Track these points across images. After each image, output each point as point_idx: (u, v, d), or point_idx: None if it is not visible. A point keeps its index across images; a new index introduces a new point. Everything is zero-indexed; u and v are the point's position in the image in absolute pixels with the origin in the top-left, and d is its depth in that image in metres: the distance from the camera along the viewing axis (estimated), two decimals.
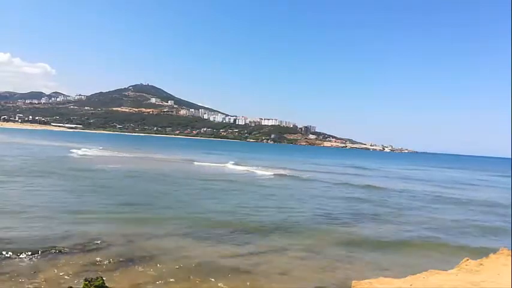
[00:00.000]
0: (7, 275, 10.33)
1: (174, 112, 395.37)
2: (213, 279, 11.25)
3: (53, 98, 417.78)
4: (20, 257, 11.76)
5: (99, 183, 29.30)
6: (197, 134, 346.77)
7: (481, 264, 10.36)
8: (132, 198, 24.03)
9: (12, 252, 11.98)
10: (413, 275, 9.77)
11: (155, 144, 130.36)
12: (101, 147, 78.54)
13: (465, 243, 18.29)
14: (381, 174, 62.95)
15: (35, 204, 19.50)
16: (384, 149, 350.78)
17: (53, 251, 12.51)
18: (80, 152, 61.24)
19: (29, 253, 12.06)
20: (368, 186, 40.23)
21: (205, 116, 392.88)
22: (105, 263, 11.85)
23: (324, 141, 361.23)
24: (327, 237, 17.41)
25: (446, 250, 16.64)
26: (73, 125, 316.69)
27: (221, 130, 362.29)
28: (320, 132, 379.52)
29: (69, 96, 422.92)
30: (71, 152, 59.48)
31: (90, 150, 66.25)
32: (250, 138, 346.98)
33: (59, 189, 25.00)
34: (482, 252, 12.50)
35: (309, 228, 19.04)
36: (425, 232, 20.16)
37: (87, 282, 9.10)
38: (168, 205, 22.45)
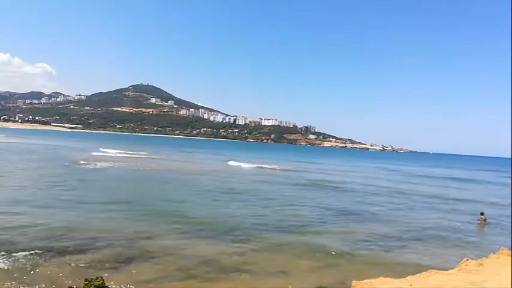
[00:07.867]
0: (7, 275, 10.32)
1: (174, 112, 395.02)
2: (213, 279, 11.26)
3: (53, 98, 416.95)
4: (20, 256, 11.72)
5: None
6: (197, 134, 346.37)
7: (481, 264, 10.37)
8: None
9: (12, 252, 11.97)
10: (413, 275, 9.78)
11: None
12: None
13: None
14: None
15: (33, 203, 19.52)
16: (384, 149, 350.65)
17: (53, 250, 12.49)
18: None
19: (29, 253, 12.04)
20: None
21: (205, 116, 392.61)
22: (105, 263, 11.83)
23: (324, 141, 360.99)
24: None
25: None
26: (73, 125, 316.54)
27: (221, 130, 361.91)
28: (320, 132, 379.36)
29: (69, 96, 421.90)
30: None
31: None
32: (250, 138, 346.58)
33: (56, 187, 25.04)
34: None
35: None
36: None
37: (87, 282, 9.10)
38: None
